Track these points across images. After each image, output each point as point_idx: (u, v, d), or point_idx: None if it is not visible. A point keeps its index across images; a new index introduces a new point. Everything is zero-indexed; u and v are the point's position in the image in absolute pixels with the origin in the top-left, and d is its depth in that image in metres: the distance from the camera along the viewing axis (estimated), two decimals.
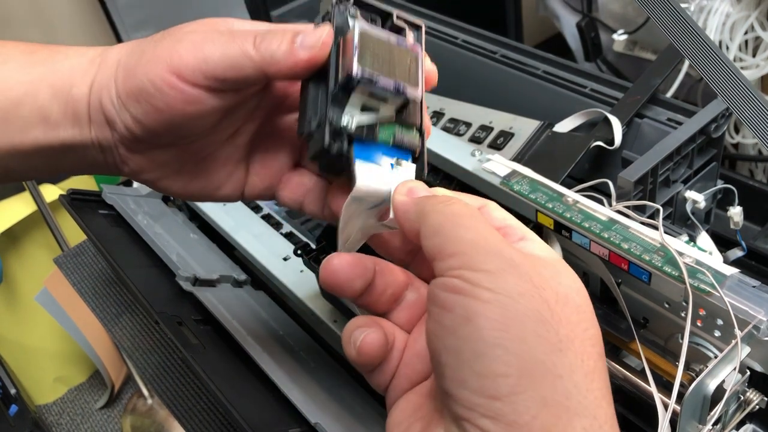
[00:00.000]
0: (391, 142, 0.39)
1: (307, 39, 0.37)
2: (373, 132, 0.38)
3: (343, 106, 0.37)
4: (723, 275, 0.44)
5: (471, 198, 0.37)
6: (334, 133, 0.37)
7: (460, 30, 0.83)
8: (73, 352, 1.46)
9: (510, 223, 0.36)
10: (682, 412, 0.40)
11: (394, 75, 0.37)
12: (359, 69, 0.36)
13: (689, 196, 0.59)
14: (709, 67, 0.51)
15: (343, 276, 0.36)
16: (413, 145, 0.39)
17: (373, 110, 0.38)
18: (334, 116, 0.37)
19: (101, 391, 1.51)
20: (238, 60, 0.36)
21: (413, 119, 0.39)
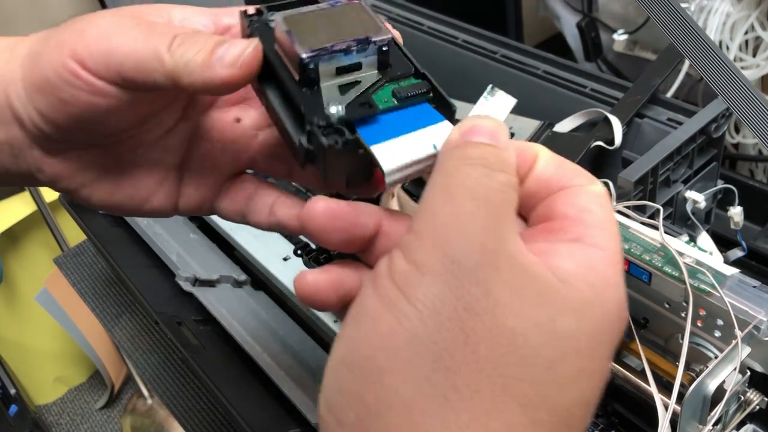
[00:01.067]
0: (395, 103, 0.31)
1: (229, 54, 0.31)
2: (369, 103, 0.31)
3: (319, 99, 0.31)
4: (723, 275, 0.44)
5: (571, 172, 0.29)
6: (327, 133, 0.30)
7: (460, 30, 0.83)
8: (72, 352, 1.46)
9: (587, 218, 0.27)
10: (683, 413, 0.40)
11: (348, 33, 0.31)
12: (305, 50, 0.30)
13: (689, 196, 0.58)
14: (709, 67, 0.51)
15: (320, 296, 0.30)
16: (421, 90, 0.31)
17: (354, 84, 0.32)
18: (315, 115, 0.30)
19: (101, 391, 1.51)
20: (146, 61, 0.31)
21: (403, 68, 0.32)
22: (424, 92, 0.31)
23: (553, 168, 0.29)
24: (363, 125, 0.30)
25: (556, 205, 0.28)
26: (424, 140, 0.30)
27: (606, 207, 0.28)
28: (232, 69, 0.31)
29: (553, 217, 0.28)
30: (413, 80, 0.32)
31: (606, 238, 0.27)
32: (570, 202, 0.28)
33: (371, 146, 0.29)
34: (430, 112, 0.31)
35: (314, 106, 0.30)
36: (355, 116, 0.30)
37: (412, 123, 0.30)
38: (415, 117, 0.31)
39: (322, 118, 0.30)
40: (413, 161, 0.29)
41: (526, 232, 0.28)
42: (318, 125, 0.30)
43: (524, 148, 0.29)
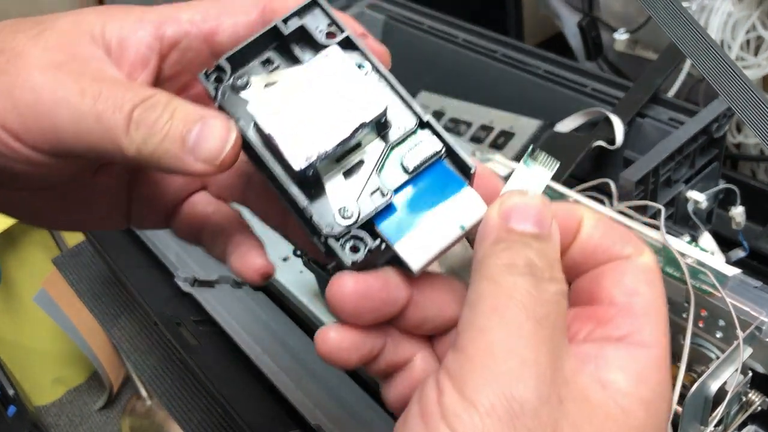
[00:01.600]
0: (407, 176, 0.28)
1: (203, 149, 0.27)
2: (381, 191, 0.28)
3: (325, 200, 0.28)
4: (725, 276, 0.43)
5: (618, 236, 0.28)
6: (346, 240, 0.27)
7: (460, 29, 0.83)
8: (71, 353, 1.46)
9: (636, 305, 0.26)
10: (684, 414, 0.39)
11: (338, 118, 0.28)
12: (299, 161, 0.27)
13: (691, 196, 0.58)
14: (710, 66, 0.50)
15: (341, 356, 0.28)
16: (432, 153, 0.28)
17: (358, 165, 0.28)
18: (326, 221, 0.27)
19: (100, 392, 1.51)
20: (101, 145, 0.27)
21: (404, 120, 0.29)
22: (434, 154, 0.28)
23: (599, 235, 0.28)
24: (380, 217, 0.28)
25: (602, 284, 0.27)
26: (449, 221, 0.27)
27: (655, 285, 0.27)
28: (207, 166, 0.27)
29: (599, 299, 0.27)
30: (419, 133, 0.29)
31: (654, 331, 0.26)
32: (617, 282, 0.27)
33: (395, 244, 0.27)
34: (447, 176, 0.28)
35: (323, 210, 0.27)
36: (370, 214, 0.27)
37: (432, 197, 0.28)
38: (433, 187, 0.28)
39: (337, 226, 0.27)
40: (441, 250, 0.27)
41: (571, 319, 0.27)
42: (334, 236, 0.27)
43: (568, 213, 0.28)
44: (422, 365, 0.30)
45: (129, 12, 0.31)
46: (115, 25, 0.30)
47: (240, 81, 0.29)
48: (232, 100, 0.29)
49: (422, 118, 0.28)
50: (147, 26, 0.31)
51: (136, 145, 0.27)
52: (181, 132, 0.27)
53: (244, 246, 0.34)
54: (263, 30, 0.30)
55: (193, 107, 0.28)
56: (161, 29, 0.31)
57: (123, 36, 0.30)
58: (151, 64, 0.31)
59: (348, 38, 0.29)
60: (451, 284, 0.29)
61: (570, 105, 0.69)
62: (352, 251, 0.27)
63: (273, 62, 0.30)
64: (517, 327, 0.24)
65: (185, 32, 0.31)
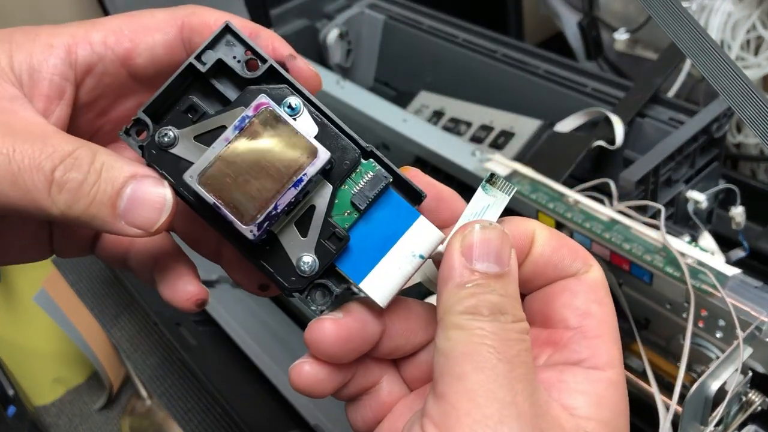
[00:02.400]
0: (359, 213, 0.28)
1: (136, 215, 0.26)
2: (337, 235, 0.27)
3: (282, 253, 0.27)
4: (725, 276, 0.43)
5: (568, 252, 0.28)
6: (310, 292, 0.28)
7: (460, 29, 0.83)
8: (71, 353, 1.46)
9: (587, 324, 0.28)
10: (684, 414, 0.39)
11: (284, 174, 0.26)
12: (251, 229, 0.26)
13: (691, 196, 0.58)
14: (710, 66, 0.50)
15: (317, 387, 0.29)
16: (380, 184, 0.28)
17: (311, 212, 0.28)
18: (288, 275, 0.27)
19: (100, 392, 1.51)
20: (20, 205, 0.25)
21: (347, 159, 0.28)
22: (384, 187, 0.28)
23: (550, 252, 0.28)
24: (340, 259, 0.28)
25: (555, 306, 0.28)
26: (407, 252, 0.28)
27: (605, 303, 0.28)
28: (141, 231, 0.26)
29: (553, 322, 0.28)
30: (366, 166, 0.28)
31: (608, 352, 0.27)
32: (569, 305, 0.28)
33: (360, 284, 0.28)
34: (399, 206, 0.28)
35: (281, 264, 0.27)
36: (331, 260, 0.27)
37: (387, 230, 0.28)
38: (387, 219, 0.28)
39: (298, 280, 0.27)
40: (404, 281, 0.28)
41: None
42: (296, 289, 0.27)
43: (520, 231, 0.28)
44: (388, 388, 0.30)
45: (36, 36, 0.28)
46: (23, 56, 0.28)
47: (166, 138, 0.27)
48: (161, 157, 0.27)
49: (365, 148, 0.28)
50: (58, 52, 0.28)
51: (60, 210, 0.25)
52: (110, 197, 0.26)
53: (173, 271, 0.31)
54: (177, 72, 0.28)
55: (120, 164, 0.26)
56: (73, 54, 0.29)
57: (33, 66, 0.28)
58: (66, 94, 0.29)
59: (272, 67, 0.28)
60: (417, 309, 0.30)
61: (570, 105, 0.69)
62: (318, 299, 0.28)
63: (197, 110, 0.28)
64: (491, 370, 0.24)
65: (99, 56, 0.29)
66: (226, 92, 0.28)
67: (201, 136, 0.28)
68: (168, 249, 0.32)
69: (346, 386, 0.29)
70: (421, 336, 0.30)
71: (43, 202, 0.25)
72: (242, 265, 0.31)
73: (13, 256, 0.33)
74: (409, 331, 0.29)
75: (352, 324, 0.28)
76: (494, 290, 0.26)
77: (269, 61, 0.28)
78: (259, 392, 0.57)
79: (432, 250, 0.28)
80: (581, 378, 0.27)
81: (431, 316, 0.30)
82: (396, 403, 0.30)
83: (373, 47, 0.90)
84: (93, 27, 0.29)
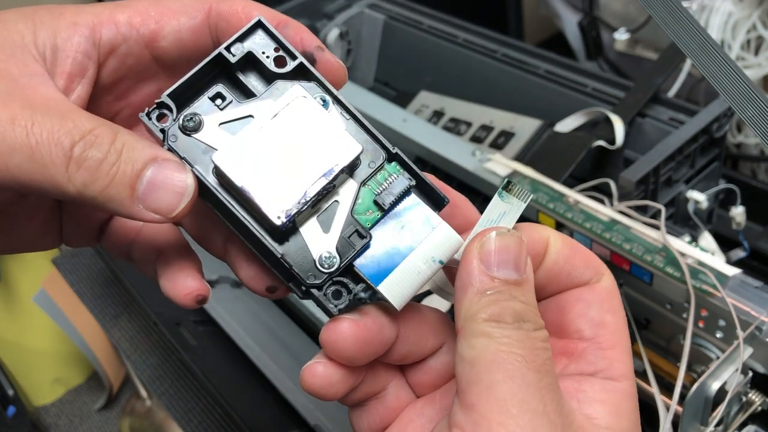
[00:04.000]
0: (381, 212, 0.28)
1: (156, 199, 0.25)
2: (360, 233, 0.27)
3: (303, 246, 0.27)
4: (725, 276, 0.43)
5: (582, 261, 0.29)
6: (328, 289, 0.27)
7: (460, 29, 0.83)
8: (71, 353, 1.46)
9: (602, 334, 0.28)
10: (684, 414, 0.39)
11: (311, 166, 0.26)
12: (280, 217, 0.26)
13: (691, 196, 0.58)
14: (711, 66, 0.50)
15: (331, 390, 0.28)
16: (403, 185, 0.28)
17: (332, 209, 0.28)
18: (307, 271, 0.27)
19: (99, 392, 1.51)
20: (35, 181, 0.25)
21: (373, 159, 0.28)
22: (407, 189, 0.28)
23: (563, 260, 0.29)
24: (360, 258, 0.27)
25: (569, 316, 0.29)
26: (426, 257, 0.27)
27: (617, 312, 0.29)
28: (159, 216, 0.25)
29: (568, 332, 0.29)
30: (391, 168, 0.28)
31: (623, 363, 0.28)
32: (583, 315, 0.28)
33: (378, 286, 0.27)
34: (420, 210, 0.28)
35: (301, 259, 0.27)
36: (352, 257, 0.27)
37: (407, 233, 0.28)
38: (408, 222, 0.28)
39: (318, 274, 0.27)
40: (421, 285, 0.27)
41: None
42: (315, 285, 0.27)
43: (535, 238, 0.28)
44: (395, 393, 0.30)
45: (61, 15, 0.28)
46: (47, 32, 0.27)
47: (191, 122, 0.27)
48: (183, 142, 0.27)
49: (390, 150, 0.28)
50: (82, 30, 0.28)
51: (76, 188, 0.25)
52: (130, 178, 0.25)
53: (175, 265, 0.30)
54: (206, 60, 0.28)
55: (142, 145, 0.26)
56: (97, 33, 0.28)
57: (57, 44, 0.27)
58: (88, 73, 0.28)
59: (301, 64, 0.28)
60: (429, 315, 0.30)
61: (570, 105, 0.69)
62: (335, 298, 0.27)
63: (224, 98, 0.28)
64: (521, 379, 0.24)
65: (124, 37, 0.29)
66: (252, 84, 0.28)
67: (226, 123, 0.27)
68: (173, 242, 0.31)
69: (354, 391, 0.29)
70: (432, 342, 0.30)
71: (60, 179, 0.24)
72: (251, 265, 0.30)
73: (23, 244, 0.32)
74: (421, 336, 0.29)
75: (370, 326, 0.27)
76: (515, 297, 0.26)
77: (299, 58, 0.28)
78: (259, 392, 0.57)
79: (451, 256, 0.28)
80: (599, 388, 0.27)
81: (441, 323, 0.30)
82: (403, 409, 0.30)
83: (373, 47, 0.90)
84: (118, 7, 0.29)
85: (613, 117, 0.63)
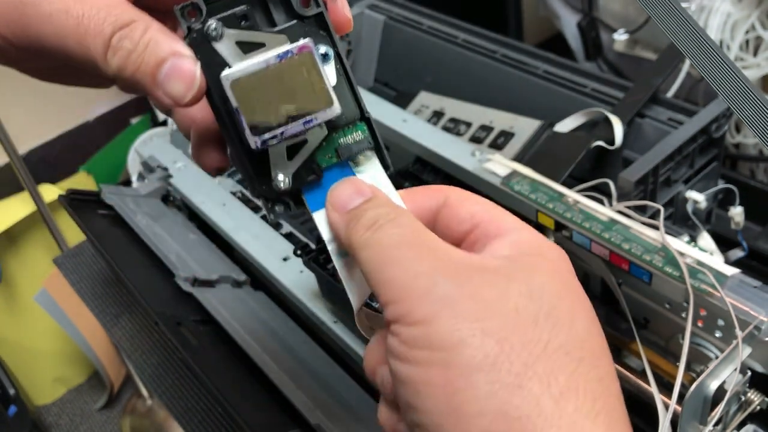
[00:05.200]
0: (337, 161, 0.33)
1: (172, 87, 0.30)
2: (314, 166, 0.32)
3: (266, 164, 0.32)
4: (724, 275, 0.43)
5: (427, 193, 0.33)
6: (274, 203, 0.32)
7: (460, 29, 0.83)
8: (72, 352, 1.46)
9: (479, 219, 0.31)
10: (683, 413, 0.39)
11: (299, 109, 0.30)
12: (256, 140, 0.30)
13: (690, 196, 0.58)
14: (709, 66, 0.51)
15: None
16: (362, 146, 0.33)
17: (302, 144, 0.32)
18: (263, 183, 0.32)
19: (100, 391, 1.51)
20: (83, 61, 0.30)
21: (349, 114, 0.32)
22: (365, 149, 0.33)
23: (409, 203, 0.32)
24: (308, 189, 0.32)
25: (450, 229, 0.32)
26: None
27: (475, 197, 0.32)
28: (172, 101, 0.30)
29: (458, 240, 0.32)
30: (359, 127, 0.33)
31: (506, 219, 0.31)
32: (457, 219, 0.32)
33: (313, 213, 0.32)
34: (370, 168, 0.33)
35: (262, 171, 0.32)
36: (302, 184, 0.32)
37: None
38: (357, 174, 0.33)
39: (269, 190, 0.32)
40: None
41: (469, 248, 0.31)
42: (265, 196, 0.32)
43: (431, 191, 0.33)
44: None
45: None
46: None
47: (214, 31, 0.30)
48: (203, 45, 0.31)
49: (364, 113, 0.33)
50: None
51: (112, 70, 0.30)
52: (152, 68, 0.30)
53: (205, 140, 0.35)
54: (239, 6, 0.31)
55: (166, 42, 0.30)
56: None
57: None
58: None
59: (321, 14, 0.32)
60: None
61: (570, 105, 0.69)
62: (275, 212, 0.32)
63: (249, 19, 0.31)
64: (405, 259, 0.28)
65: None
66: (276, 16, 0.32)
67: (242, 43, 0.31)
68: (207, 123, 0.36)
69: None
70: None
71: (100, 62, 0.30)
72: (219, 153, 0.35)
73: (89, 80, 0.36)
74: None
75: None
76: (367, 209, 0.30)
77: (321, 9, 0.32)
78: (259, 391, 0.58)
79: None
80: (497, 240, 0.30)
81: None
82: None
83: (373, 47, 0.90)
84: None
85: (613, 117, 0.63)
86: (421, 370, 0.27)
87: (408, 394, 0.27)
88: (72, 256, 0.81)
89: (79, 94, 1.48)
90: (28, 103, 1.43)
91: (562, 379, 0.26)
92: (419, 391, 0.27)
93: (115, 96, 1.56)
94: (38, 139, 1.51)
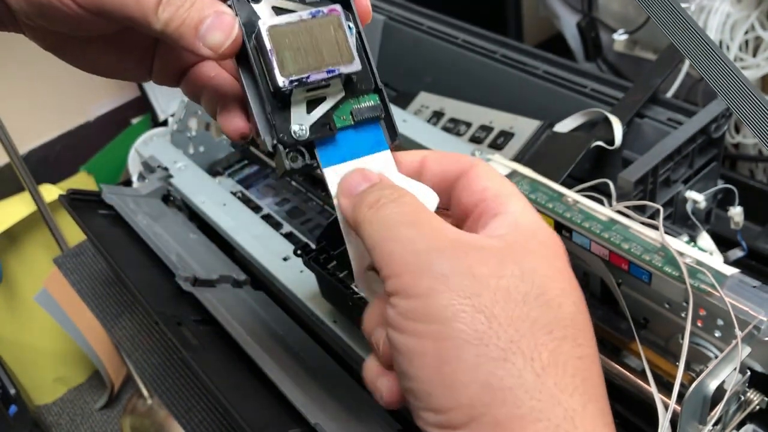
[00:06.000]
0: (352, 123, 0.36)
1: (210, 39, 0.34)
2: (330, 123, 0.35)
3: (287, 113, 0.35)
4: (723, 275, 0.43)
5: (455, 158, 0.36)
6: (291, 151, 0.35)
7: (460, 30, 0.83)
8: (72, 352, 1.46)
9: (487, 195, 0.34)
10: (683, 413, 0.39)
11: (324, 61, 0.34)
12: (284, 80, 0.33)
13: (690, 196, 0.58)
14: (709, 66, 0.51)
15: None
16: (375, 113, 0.36)
17: (319, 101, 0.36)
18: (282, 131, 0.35)
19: (101, 391, 1.51)
20: (134, 18, 0.34)
21: (364, 84, 0.36)
22: (376, 116, 0.36)
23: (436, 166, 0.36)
24: (322, 144, 0.36)
25: (461, 199, 0.35)
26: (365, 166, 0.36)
27: (493, 174, 0.35)
28: (211, 51, 0.34)
29: (467, 211, 0.35)
30: (372, 97, 0.37)
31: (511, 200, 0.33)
32: (469, 191, 0.35)
33: (324, 168, 0.36)
34: (378, 136, 0.37)
35: (282, 120, 0.35)
36: (316, 137, 0.35)
37: (362, 146, 0.36)
38: (365, 139, 0.36)
39: (288, 137, 0.35)
40: None
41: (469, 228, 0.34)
42: (283, 143, 0.35)
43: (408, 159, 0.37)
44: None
45: None
46: None
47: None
48: (242, 3, 0.35)
49: (378, 84, 0.37)
50: None
51: (161, 25, 0.34)
52: (195, 22, 0.34)
53: (231, 109, 0.38)
54: None
55: (210, 1, 0.34)
56: None
57: None
58: None
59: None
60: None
61: (569, 105, 0.69)
62: (292, 161, 0.35)
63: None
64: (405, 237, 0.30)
65: None
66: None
67: (277, 8, 0.35)
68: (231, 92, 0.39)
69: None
70: None
71: (151, 18, 0.33)
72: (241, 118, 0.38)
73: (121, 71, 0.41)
74: None
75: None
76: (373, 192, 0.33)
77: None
78: (259, 391, 0.58)
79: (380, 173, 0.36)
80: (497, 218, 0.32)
81: None
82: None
83: (373, 48, 0.90)
84: None
85: (612, 117, 0.63)
86: (416, 340, 0.29)
87: (403, 363, 0.29)
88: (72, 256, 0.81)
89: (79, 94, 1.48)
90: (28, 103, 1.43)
91: (545, 356, 0.28)
92: (413, 360, 0.29)
93: (116, 96, 1.56)
94: (38, 139, 1.51)
